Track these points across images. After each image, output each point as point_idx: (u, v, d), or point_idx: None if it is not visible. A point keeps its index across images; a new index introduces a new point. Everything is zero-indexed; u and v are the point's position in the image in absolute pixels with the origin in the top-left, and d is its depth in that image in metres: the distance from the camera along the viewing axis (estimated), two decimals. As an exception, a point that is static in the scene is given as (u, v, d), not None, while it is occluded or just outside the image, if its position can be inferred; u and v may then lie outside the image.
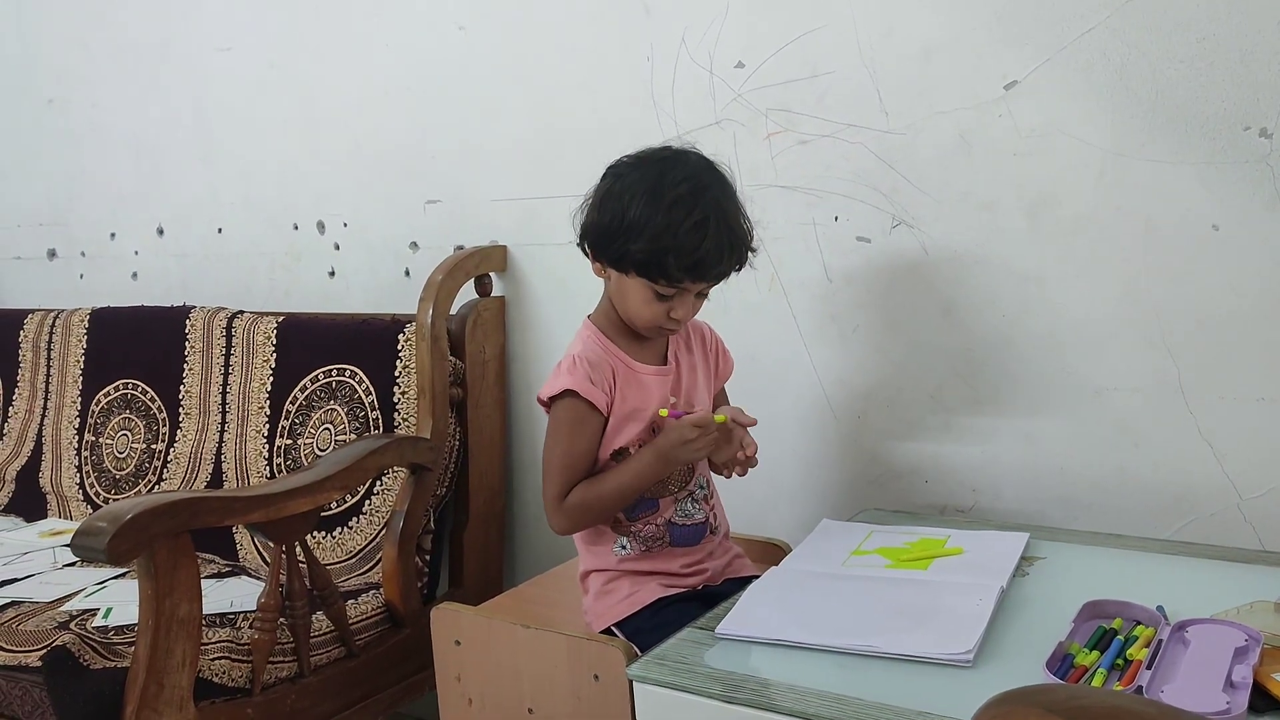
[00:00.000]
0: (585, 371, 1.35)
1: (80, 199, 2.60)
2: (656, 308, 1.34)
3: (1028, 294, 1.51)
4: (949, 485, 1.61)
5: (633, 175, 1.32)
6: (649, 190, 1.29)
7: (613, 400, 1.37)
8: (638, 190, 1.30)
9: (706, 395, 1.48)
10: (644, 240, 1.28)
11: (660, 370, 1.42)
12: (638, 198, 1.29)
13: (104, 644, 1.47)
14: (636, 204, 1.29)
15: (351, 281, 2.18)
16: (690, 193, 1.28)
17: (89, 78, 2.53)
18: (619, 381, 1.38)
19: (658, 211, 1.27)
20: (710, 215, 1.28)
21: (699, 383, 1.46)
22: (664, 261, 1.28)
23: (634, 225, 1.28)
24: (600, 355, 1.38)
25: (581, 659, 1.31)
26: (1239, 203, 1.37)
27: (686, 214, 1.27)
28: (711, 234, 1.27)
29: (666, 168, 1.31)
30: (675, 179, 1.29)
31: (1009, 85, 1.49)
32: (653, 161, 1.33)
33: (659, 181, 1.29)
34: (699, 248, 1.27)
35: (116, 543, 1.29)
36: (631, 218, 1.29)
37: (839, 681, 1.01)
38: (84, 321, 2.34)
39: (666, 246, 1.27)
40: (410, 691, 1.75)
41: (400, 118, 2.06)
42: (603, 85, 1.82)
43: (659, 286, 1.31)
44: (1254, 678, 0.93)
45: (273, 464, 1.99)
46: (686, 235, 1.26)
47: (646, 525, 1.41)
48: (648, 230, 1.27)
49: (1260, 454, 1.39)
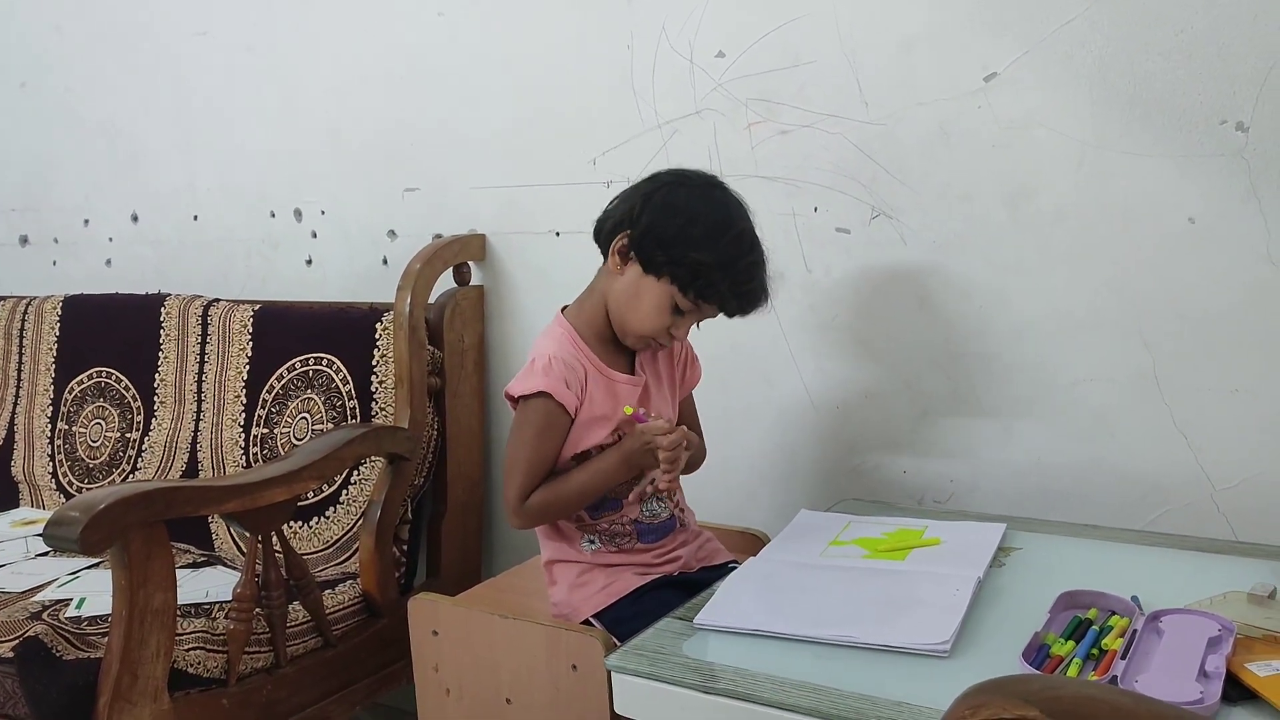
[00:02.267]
0: (560, 373, 1.36)
1: (53, 185, 2.57)
2: (664, 320, 1.36)
3: (1006, 285, 1.52)
4: (926, 476, 1.61)
5: (694, 196, 1.36)
6: (720, 219, 1.34)
7: (581, 403, 1.37)
8: (705, 212, 1.34)
9: (669, 405, 1.47)
10: (706, 255, 1.32)
11: (631, 380, 1.43)
12: (705, 219, 1.33)
13: (77, 634, 1.45)
14: (703, 224, 1.33)
15: (329, 270, 2.16)
16: (751, 236, 1.36)
17: (63, 61, 2.50)
18: (589, 384, 1.39)
19: (723, 238, 1.33)
20: (763, 262, 1.37)
21: (664, 392, 1.47)
22: (714, 281, 1.32)
23: (698, 241, 1.32)
24: (573, 356, 1.39)
25: (560, 649, 1.31)
26: (1215, 195, 1.38)
27: (748, 251, 1.34)
28: (759, 278, 1.36)
29: (729, 201, 1.37)
30: (740, 215, 1.36)
31: (989, 77, 1.49)
32: (710, 186, 1.38)
33: (727, 213, 1.35)
34: (749, 284, 1.34)
35: (89, 532, 1.28)
36: (697, 235, 1.32)
37: (817, 671, 1.02)
38: (57, 309, 2.31)
39: (726, 270, 1.32)
40: (387, 682, 1.74)
41: (379, 105, 2.04)
42: (583, 74, 1.81)
43: (684, 300, 1.34)
44: (1227, 668, 0.93)
45: (249, 453, 1.97)
46: (744, 270, 1.34)
47: (613, 524, 1.42)
48: (711, 251, 1.32)
49: (1234, 445, 1.40)
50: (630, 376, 1.42)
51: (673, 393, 1.49)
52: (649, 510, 1.44)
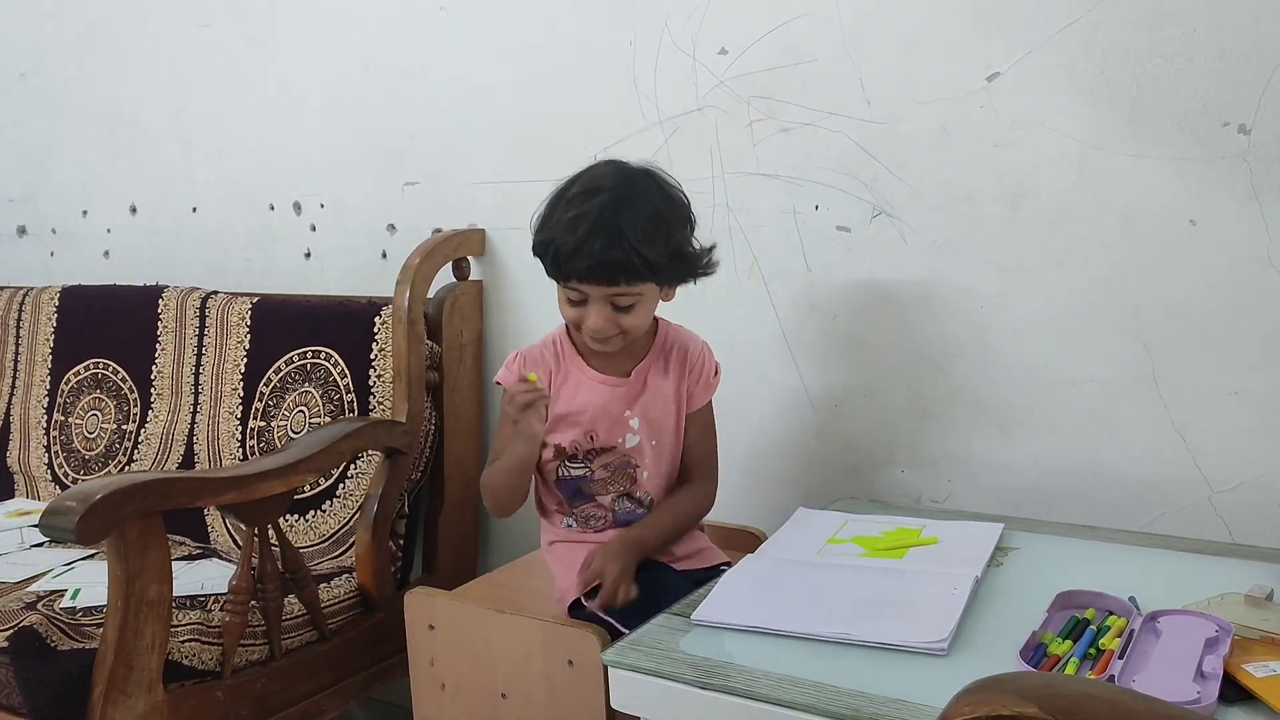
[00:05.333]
0: (518, 368, 1.42)
1: (52, 175, 2.56)
2: (570, 312, 1.37)
3: (1006, 285, 1.52)
4: (925, 475, 1.61)
5: (555, 189, 1.38)
6: (560, 188, 1.36)
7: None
8: (552, 193, 1.37)
9: (671, 418, 1.46)
10: (542, 233, 1.34)
11: (616, 380, 1.42)
12: (549, 198, 1.36)
13: (72, 625, 1.45)
14: (547, 203, 1.37)
15: (327, 263, 2.16)
16: (583, 192, 1.32)
17: (62, 52, 2.49)
18: (557, 382, 1.42)
19: (558, 206, 1.34)
20: (590, 212, 1.29)
21: (664, 403, 1.44)
22: (550, 253, 1.33)
23: (541, 221, 1.36)
24: (543, 354, 1.44)
25: (556, 644, 1.31)
26: (1216, 198, 1.38)
27: (575, 207, 1.31)
28: (589, 227, 1.28)
29: (583, 172, 1.37)
30: (585, 177, 1.35)
31: (991, 77, 1.49)
32: (582, 169, 1.38)
33: (573, 179, 1.36)
34: (570, 239, 1.29)
35: (86, 523, 1.28)
36: (541, 215, 1.36)
37: (814, 668, 1.01)
38: (54, 300, 2.31)
39: (554, 237, 1.31)
40: (382, 676, 1.74)
41: (379, 98, 2.04)
42: (584, 69, 1.81)
43: (563, 286, 1.35)
44: (1224, 668, 0.93)
45: (245, 446, 1.97)
46: (567, 226, 1.30)
47: (590, 512, 1.46)
48: (547, 224, 1.34)
49: (1232, 448, 1.40)
50: (612, 378, 1.43)
51: (678, 404, 1.46)
52: (623, 507, 1.45)
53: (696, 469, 1.49)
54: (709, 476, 1.50)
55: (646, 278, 1.33)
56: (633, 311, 1.35)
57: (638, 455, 1.44)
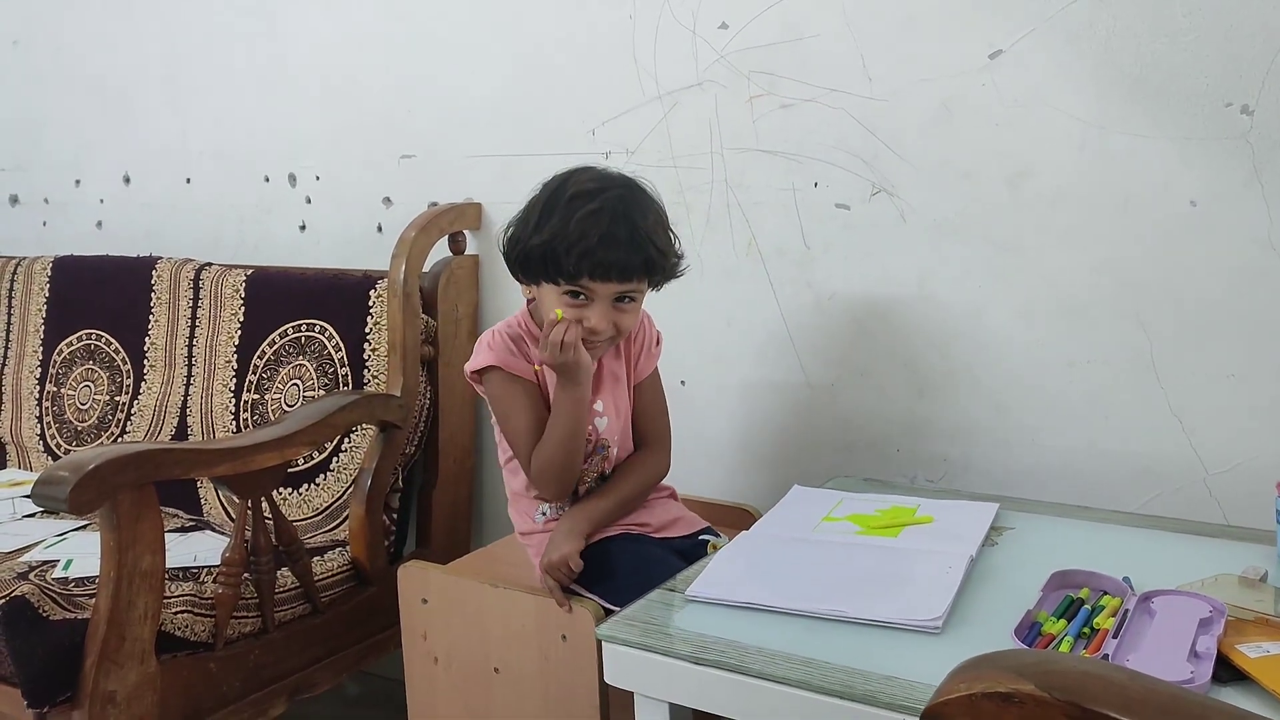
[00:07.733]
0: (504, 344, 1.38)
1: (44, 144, 2.54)
2: (569, 313, 1.30)
3: (1005, 264, 1.51)
4: (920, 454, 1.61)
5: (541, 188, 1.35)
6: (552, 190, 1.32)
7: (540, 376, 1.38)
8: (532, 201, 1.34)
9: (625, 391, 1.46)
10: (542, 235, 1.29)
11: None
12: (541, 201, 1.32)
13: (64, 595, 1.45)
14: (539, 206, 1.32)
15: (323, 236, 2.15)
16: (589, 191, 1.30)
17: (55, 19, 2.46)
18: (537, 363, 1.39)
19: (557, 207, 1.30)
20: (606, 207, 1.28)
21: (618, 382, 1.45)
22: (558, 253, 1.28)
23: (535, 224, 1.31)
24: (520, 335, 1.40)
25: (549, 619, 1.31)
26: (1218, 179, 1.37)
27: (583, 205, 1.28)
28: (607, 224, 1.27)
29: (574, 172, 1.34)
30: (579, 178, 1.32)
31: (994, 54, 1.48)
32: (563, 171, 1.35)
33: (564, 182, 1.32)
34: (589, 235, 1.26)
35: (79, 492, 1.27)
36: (534, 218, 1.31)
37: (808, 645, 1.01)
38: (46, 270, 2.29)
39: (560, 236, 1.28)
40: (376, 649, 1.74)
41: (376, 70, 2.02)
42: (583, 42, 1.79)
43: (563, 286, 1.30)
44: (1218, 649, 0.93)
45: (239, 419, 1.96)
46: (578, 224, 1.27)
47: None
48: (546, 225, 1.29)
49: (1227, 430, 1.40)
50: None
51: (628, 379, 1.47)
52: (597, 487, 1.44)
53: (649, 437, 1.49)
54: (661, 443, 1.50)
55: (654, 275, 1.34)
56: (630, 310, 1.35)
57: (608, 436, 1.43)
